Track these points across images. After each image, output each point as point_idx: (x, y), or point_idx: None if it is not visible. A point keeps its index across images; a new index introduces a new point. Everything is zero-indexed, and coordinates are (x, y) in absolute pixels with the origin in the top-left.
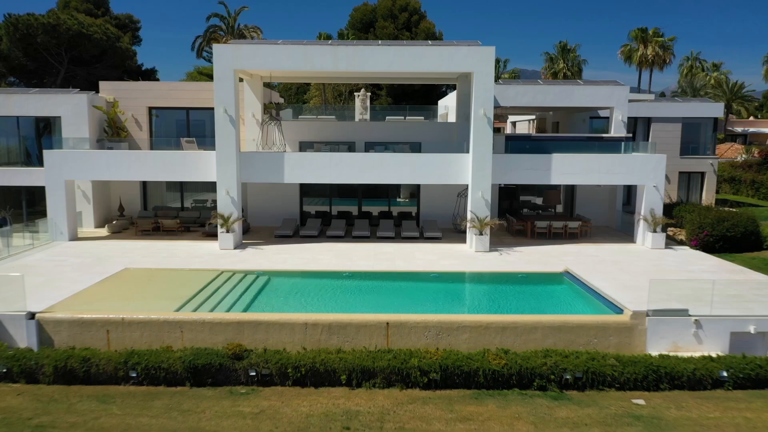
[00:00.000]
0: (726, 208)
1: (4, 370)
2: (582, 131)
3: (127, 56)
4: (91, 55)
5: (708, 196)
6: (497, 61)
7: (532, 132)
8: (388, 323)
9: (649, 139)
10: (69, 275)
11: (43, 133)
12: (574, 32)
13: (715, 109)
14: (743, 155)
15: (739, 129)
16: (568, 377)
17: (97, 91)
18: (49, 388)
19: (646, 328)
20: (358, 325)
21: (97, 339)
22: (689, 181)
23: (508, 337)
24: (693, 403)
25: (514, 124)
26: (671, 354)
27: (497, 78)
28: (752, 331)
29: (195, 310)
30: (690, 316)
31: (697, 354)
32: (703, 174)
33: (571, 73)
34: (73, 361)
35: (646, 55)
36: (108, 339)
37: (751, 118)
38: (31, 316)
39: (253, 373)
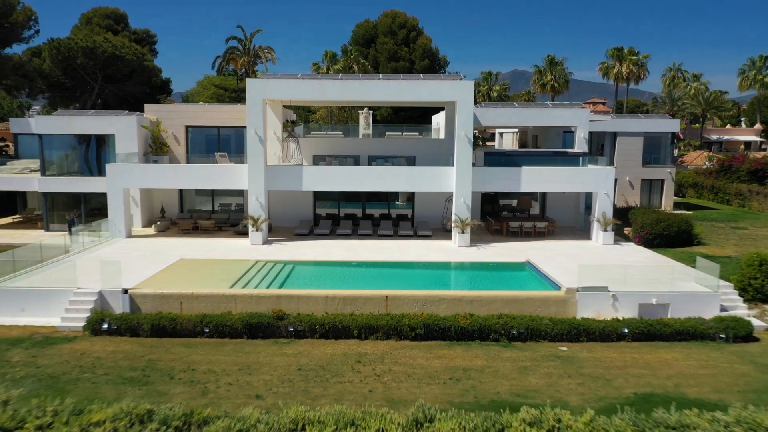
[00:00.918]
0: (668, 210)
1: (115, 327)
2: (556, 143)
3: (154, 74)
4: (123, 74)
5: (667, 200)
6: (489, 74)
7: (516, 142)
8: (387, 297)
9: (616, 151)
10: (138, 264)
11: (89, 148)
12: (569, 35)
13: (672, 125)
14: (707, 163)
15: (714, 137)
16: (514, 332)
17: (141, 111)
18: (148, 339)
19: (576, 300)
20: (365, 298)
21: (173, 308)
22: (651, 187)
23: (475, 306)
24: (600, 349)
25: (501, 134)
26: (591, 317)
27: (491, 89)
28: (654, 302)
29: (243, 288)
30: (609, 291)
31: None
32: (662, 181)
33: (558, 84)
34: (164, 321)
35: (621, 72)
36: (181, 308)
37: (728, 126)
38: (125, 291)
39: (291, 329)
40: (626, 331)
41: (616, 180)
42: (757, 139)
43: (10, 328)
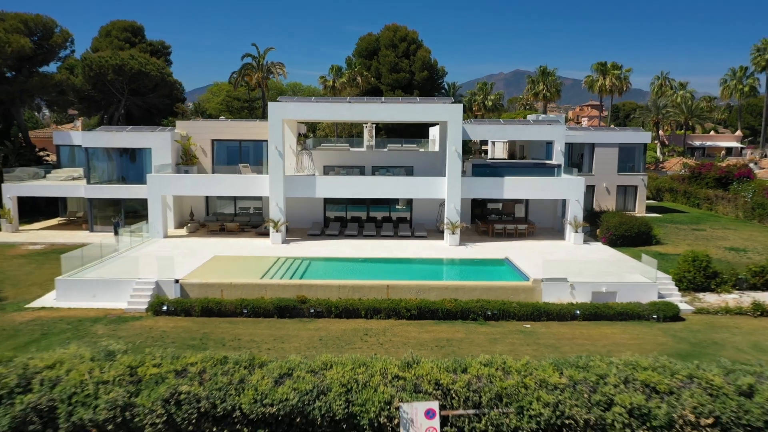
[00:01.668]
0: (641, 214)
1: (172, 309)
2: (540, 153)
3: (175, 87)
4: (147, 88)
5: (640, 205)
6: (485, 84)
7: (506, 151)
8: (388, 286)
9: (594, 160)
10: (180, 260)
11: (126, 159)
12: (571, 36)
13: (643, 137)
14: (682, 170)
15: (697, 143)
16: (489, 313)
17: (161, 120)
18: (199, 318)
19: (542, 289)
20: (370, 287)
21: (215, 294)
22: (625, 192)
23: (459, 293)
24: (556, 326)
25: (493, 143)
26: (552, 302)
27: (486, 98)
28: (604, 290)
29: (271, 278)
30: (567, 281)
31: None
32: (636, 187)
33: (549, 94)
34: (211, 304)
35: (604, 85)
36: (222, 294)
37: (712, 133)
38: (176, 281)
39: (312, 311)
40: (578, 312)
41: (594, 186)
42: (738, 145)
43: (88, 310)
